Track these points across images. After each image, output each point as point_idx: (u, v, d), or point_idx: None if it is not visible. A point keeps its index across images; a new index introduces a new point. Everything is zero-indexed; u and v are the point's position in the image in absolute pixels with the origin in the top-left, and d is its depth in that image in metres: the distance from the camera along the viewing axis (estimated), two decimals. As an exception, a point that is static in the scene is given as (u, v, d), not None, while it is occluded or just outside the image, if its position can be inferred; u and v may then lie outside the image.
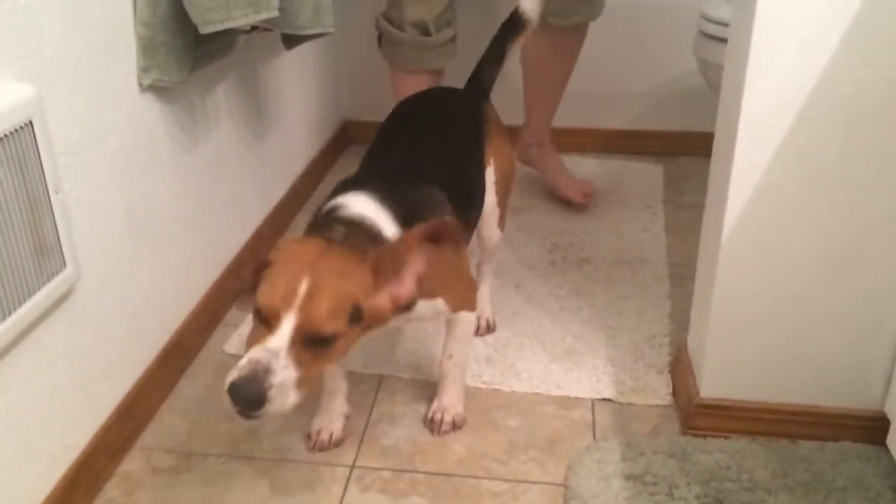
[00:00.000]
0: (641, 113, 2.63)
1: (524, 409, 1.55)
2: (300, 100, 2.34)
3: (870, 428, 1.39)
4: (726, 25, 1.54)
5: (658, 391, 1.57)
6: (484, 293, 1.78)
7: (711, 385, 1.43)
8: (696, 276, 1.50)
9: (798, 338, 1.36)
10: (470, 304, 1.43)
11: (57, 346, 1.27)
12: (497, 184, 1.61)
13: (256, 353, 1.03)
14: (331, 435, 1.46)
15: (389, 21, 1.97)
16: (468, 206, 1.47)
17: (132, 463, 1.44)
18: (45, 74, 1.20)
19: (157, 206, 1.55)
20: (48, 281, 1.20)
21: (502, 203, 1.65)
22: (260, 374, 1.01)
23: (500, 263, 2.01)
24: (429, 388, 1.59)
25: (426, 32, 1.94)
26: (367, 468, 1.41)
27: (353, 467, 1.42)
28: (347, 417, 1.50)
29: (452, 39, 2.01)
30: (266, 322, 1.05)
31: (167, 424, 1.53)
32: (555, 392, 1.58)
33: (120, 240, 1.43)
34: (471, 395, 1.57)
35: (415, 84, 1.94)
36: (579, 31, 2.15)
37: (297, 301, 1.04)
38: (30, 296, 1.16)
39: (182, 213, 1.65)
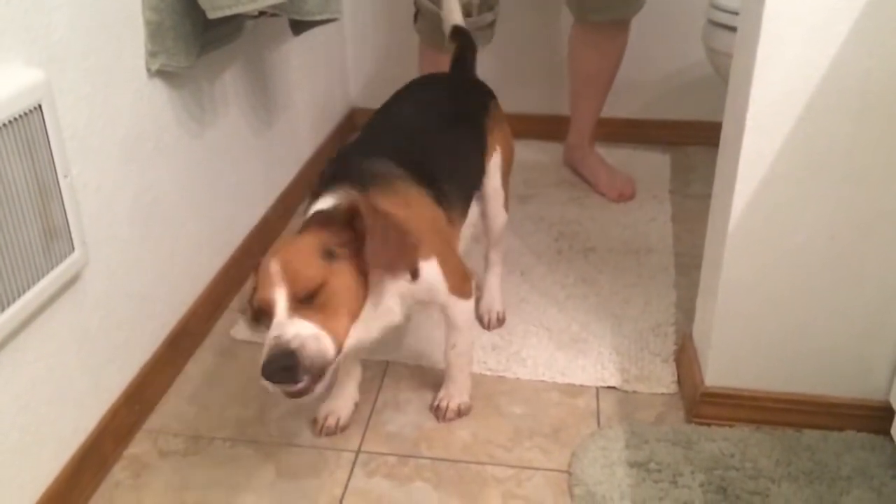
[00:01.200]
0: (649, 102, 2.62)
1: (529, 396, 1.55)
2: (307, 86, 2.34)
3: (874, 417, 1.39)
4: (735, 14, 1.53)
5: (663, 379, 1.57)
6: (493, 284, 1.78)
7: (716, 374, 1.43)
8: (703, 265, 1.50)
9: (803, 327, 1.36)
10: (464, 292, 1.42)
11: (65, 329, 1.28)
12: (502, 167, 1.64)
13: (269, 334, 1.09)
14: (338, 420, 1.47)
15: None
16: (451, 183, 1.45)
17: (139, 446, 1.45)
18: (54, 59, 1.20)
19: (165, 191, 1.56)
20: (56, 265, 1.21)
21: (505, 185, 1.67)
22: (279, 346, 1.06)
23: (507, 252, 2.01)
24: (434, 375, 1.60)
25: (467, 14, 1.93)
26: (373, 453, 1.42)
27: (358, 452, 1.43)
28: (357, 405, 1.51)
29: (491, 24, 2.01)
30: (268, 315, 1.11)
31: (174, 408, 1.54)
32: (560, 379, 1.59)
33: (127, 224, 1.44)
34: (476, 381, 1.58)
35: (444, 64, 1.91)
36: (620, 28, 2.16)
37: (276, 278, 1.11)
38: (38, 279, 1.17)
39: (189, 199, 1.66)
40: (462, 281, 1.40)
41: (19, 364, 1.18)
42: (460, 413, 1.50)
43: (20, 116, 1.10)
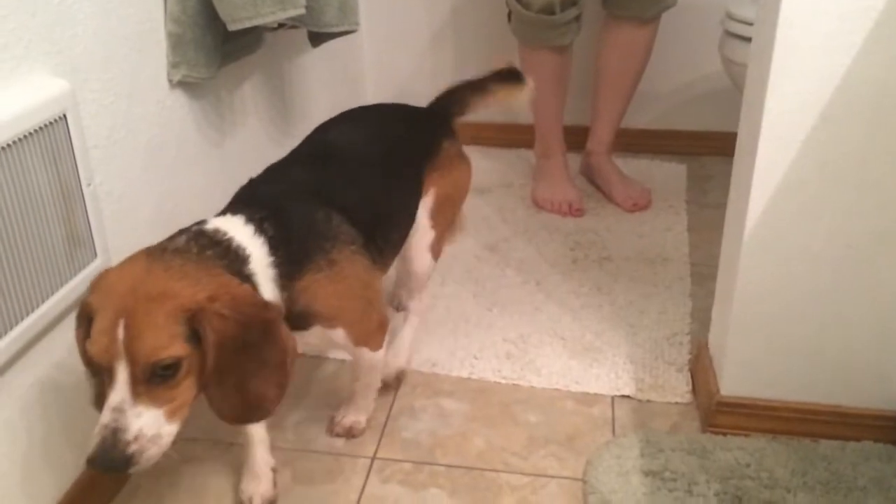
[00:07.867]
0: (666, 112, 2.63)
1: (543, 404, 1.56)
2: (325, 97, 2.36)
3: (891, 428, 1.38)
4: (751, 25, 1.54)
5: (678, 389, 1.57)
6: (405, 338, 1.64)
7: (732, 383, 1.43)
8: (718, 274, 1.51)
9: (819, 337, 1.36)
10: (374, 342, 1.35)
11: (87, 335, 1.30)
12: (435, 203, 1.50)
13: (103, 416, 0.95)
14: (262, 498, 1.33)
15: (518, 0, 2.09)
16: (382, 228, 1.35)
17: (158, 451, 1.47)
18: (79, 69, 1.23)
19: (185, 199, 1.58)
20: (79, 271, 1.23)
21: (438, 225, 1.52)
22: (109, 438, 0.94)
23: (523, 261, 2.02)
24: (450, 383, 1.61)
25: (550, 12, 2.06)
26: (388, 460, 1.43)
27: (373, 459, 1.44)
28: (275, 470, 1.37)
29: (577, 18, 2.12)
30: (105, 374, 0.97)
31: (194, 413, 1.54)
32: (574, 388, 1.59)
33: (148, 232, 1.46)
34: (490, 389, 1.58)
35: (540, 58, 2.15)
36: (646, 25, 2.19)
37: (120, 345, 0.93)
38: (61, 286, 1.19)
39: (209, 208, 1.67)
40: (371, 336, 1.33)
41: (43, 366, 1.20)
42: (351, 432, 1.47)
43: (45, 126, 1.12)
